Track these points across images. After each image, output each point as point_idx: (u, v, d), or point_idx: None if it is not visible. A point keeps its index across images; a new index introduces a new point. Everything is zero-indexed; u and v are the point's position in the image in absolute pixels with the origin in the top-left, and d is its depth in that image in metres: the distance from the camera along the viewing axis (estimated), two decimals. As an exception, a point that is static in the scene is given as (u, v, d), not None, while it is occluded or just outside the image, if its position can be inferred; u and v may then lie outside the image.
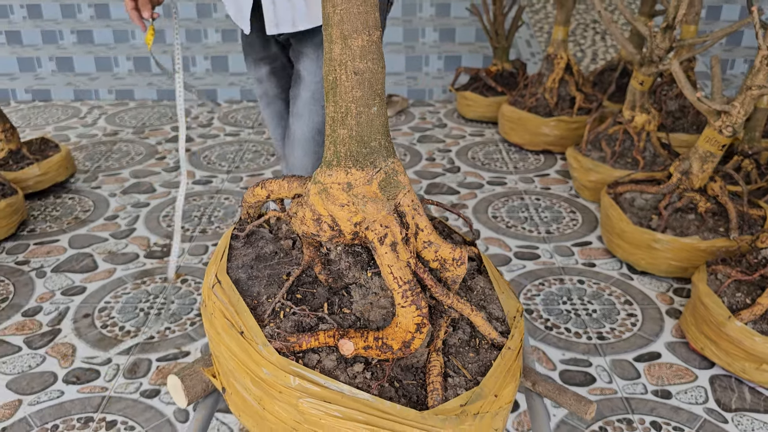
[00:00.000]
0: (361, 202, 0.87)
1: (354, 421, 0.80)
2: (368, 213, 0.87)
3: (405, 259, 0.88)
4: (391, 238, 0.87)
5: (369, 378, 0.85)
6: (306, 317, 0.90)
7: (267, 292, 0.93)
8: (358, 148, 0.87)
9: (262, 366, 0.83)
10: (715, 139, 2.04)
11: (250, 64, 1.60)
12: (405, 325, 0.84)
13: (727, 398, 1.62)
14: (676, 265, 2.05)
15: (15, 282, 2.08)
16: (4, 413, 1.56)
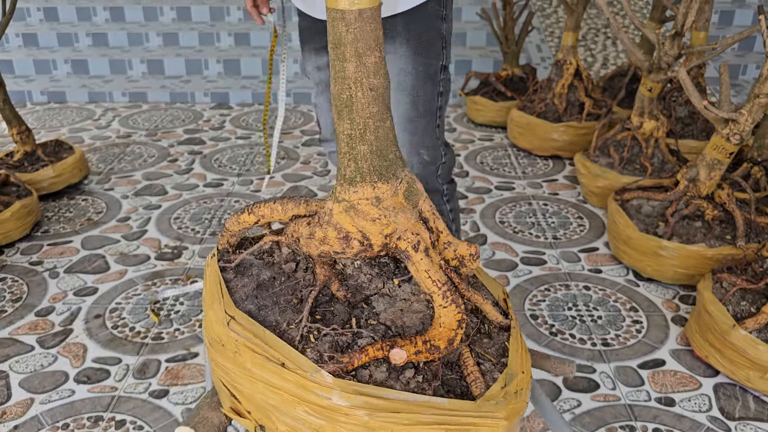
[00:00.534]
0: (392, 214, 0.90)
1: (424, 425, 0.81)
2: (399, 224, 0.90)
3: (437, 262, 0.92)
4: (423, 245, 0.91)
5: (421, 381, 0.87)
6: (341, 335, 0.91)
7: (284, 318, 0.93)
8: (380, 161, 0.90)
9: (322, 392, 0.82)
10: (722, 147, 2.04)
11: (310, 52, 1.57)
12: (448, 324, 0.88)
13: (731, 407, 1.62)
14: (683, 273, 2.06)
15: (29, 282, 2.12)
16: (17, 411, 1.60)
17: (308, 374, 0.83)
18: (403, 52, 1.43)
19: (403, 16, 1.41)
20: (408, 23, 1.41)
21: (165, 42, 4.55)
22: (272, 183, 2.82)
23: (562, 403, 1.62)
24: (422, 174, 1.55)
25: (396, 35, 1.42)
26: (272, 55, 1.64)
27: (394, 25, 1.41)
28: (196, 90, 3.98)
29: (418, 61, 1.44)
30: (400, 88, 1.45)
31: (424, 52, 1.44)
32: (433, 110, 1.51)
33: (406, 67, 1.44)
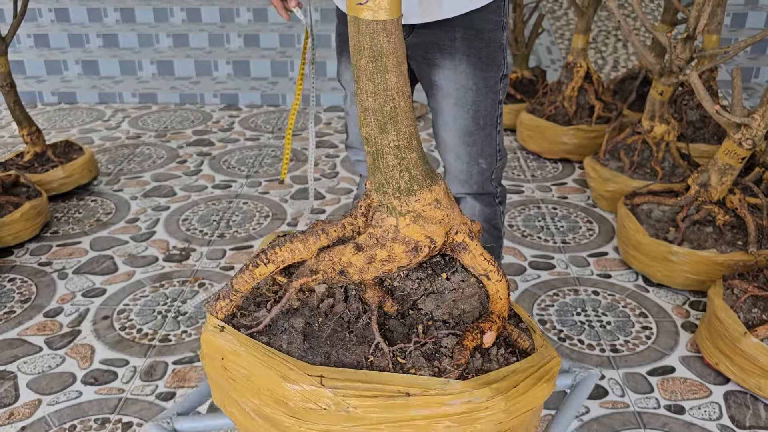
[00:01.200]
0: (451, 212, 0.95)
1: (544, 381, 0.94)
2: (455, 218, 0.96)
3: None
4: (471, 232, 0.98)
5: (505, 352, 0.96)
6: (423, 345, 0.92)
7: (360, 352, 0.90)
8: (426, 166, 0.93)
9: (458, 399, 0.85)
10: (734, 152, 2.02)
11: (348, 62, 1.54)
12: (504, 294, 0.98)
13: (741, 415, 1.60)
14: (693, 278, 2.04)
15: (37, 283, 2.13)
16: (24, 412, 1.60)
17: (437, 390, 0.84)
18: (463, 69, 1.40)
19: (461, 30, 1.38)
20: (466, 37, 1.38)
21: (175, 43, 4.56)
22: (280, 186, 2.82)
23: (570, 409, 1.60)
24: (479, 181, 1.54)
25: (455, 51, 1.39)
26: (305, 54, 1.59)
27: (452, 41, 1.38)
28: (205, 91, 3.99)
29: (478, 76, 1.41)
30: (458, 104, 1.44)
31: (485, 67, 1.41)
32: (494, 121, 1.50)
33: (466, 83, 1.41)
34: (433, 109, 1.51)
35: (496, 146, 1.54)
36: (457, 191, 1.59)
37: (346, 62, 1.57)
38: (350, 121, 1.67)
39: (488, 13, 1.40)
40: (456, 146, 1.51)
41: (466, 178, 1.55)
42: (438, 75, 1.44)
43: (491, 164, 1.55)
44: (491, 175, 1.57)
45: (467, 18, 1.38)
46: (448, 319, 0.97)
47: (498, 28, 1.43)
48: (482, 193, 1.59)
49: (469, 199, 1.59)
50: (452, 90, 1.44)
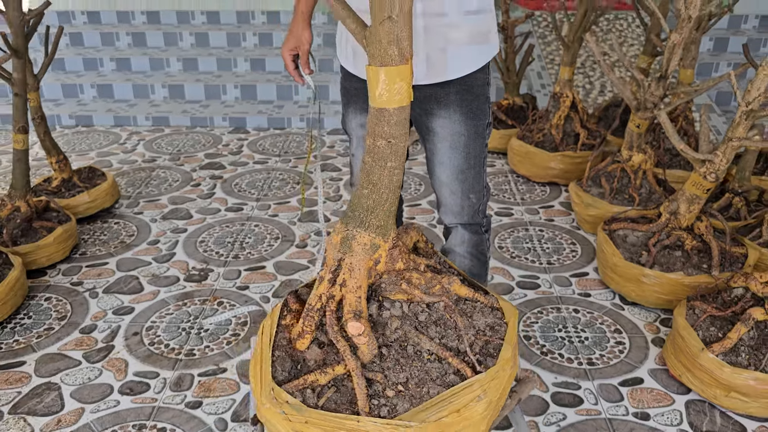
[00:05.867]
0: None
1: None
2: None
3: None
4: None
5: None
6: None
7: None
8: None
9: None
10: (700, 184, 2.26)
11: (355, 111, 1.76)
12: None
13: (699, 421, 1.83)
14: (663, 298, 2.27)
15: (72, 301, 2.35)
16: (70, 420, 1.82)
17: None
18: (456, 118, 1.63)
19: (455, 86, 1.61)
20: (460, 94, 1.61)
21: (185, 67, 4.79)
22: (290, 208, 3.04)
23: (549, 416, 1.83)
24: (469, 213, 1.77)
25: (450, 103, 1.62)
26: (310, 155, 1.85)
27: (447, 95, 1.61)
28: (215, 114, 4.22)
29: (469, 124, 1.64)
30: (453, 147, 1.66)
31: (474, 116, 1.64)
32: (482, 161, 1.73)
33: (459, 129, 1.64)
34: (430, 150, 1.74)
35: (483, 183, 1.77)
36: (450, 221, 1.82)
37: (351, 113, 1.79)
38: (355, 162, 1.89)
39: (477, 73, 1.64)
40: (450, 183, 1.74)
41: (458, 210, 1.78)
42: (435, 122, 1.67)
43: (479, 198, 1.78)
44: (479, 207, 1.80)
45: (462, 80, 1.62)
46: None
47: (484, 84, 1.67)
48: (471, 224, 1.81)
49: (460, 228, 1.82)
50: (447, 135, 1.67)
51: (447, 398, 1.09)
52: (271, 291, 2.41)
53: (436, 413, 1.07)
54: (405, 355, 1.12)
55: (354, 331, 1.07)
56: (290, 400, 1.04)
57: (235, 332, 2.18)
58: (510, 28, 3.64)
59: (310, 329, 1.10)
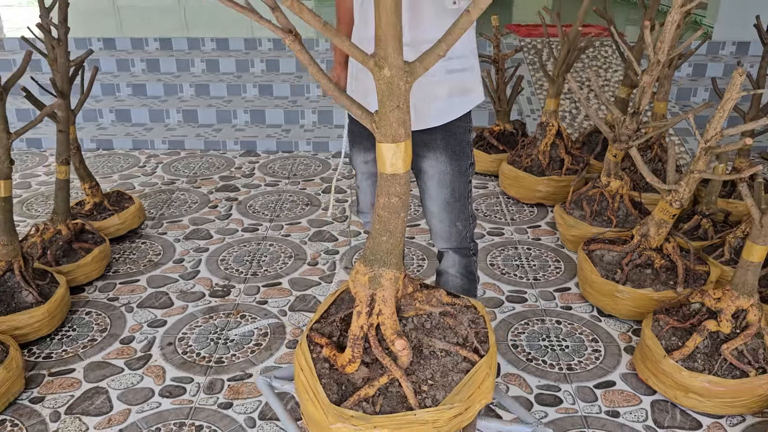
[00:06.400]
0: (380, 287, 1.44)
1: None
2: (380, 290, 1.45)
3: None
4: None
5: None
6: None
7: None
8: (393, 258, 1.43)
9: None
10: (666, 210, 2.56)
11: (359, 150, 2.05)
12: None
13: (662, 418, 2.12)
14: (635, 311, 2.57)
15: (110, 315, 2.64)
16: (119, 419, 2.10)
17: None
18: (442, 159, 1.93)
19: (441, 133, 1.91)
20: (445, 139, 1.92)
21: (197, 92, 5.10)
22: (301, 228, 3.34)
23: (533, 411, 2.12)
24: (457, 239, 2.06)
25: (436, 147, 1.92)
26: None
27: (434, 140, 1.91)
28: (227, 138, 4.52)
29: (453, 164, 1.94)
30: (440, 183, 1.96)
31: (457, 158, 1.94)
32: (466, 195, 2.02)
33: (445, 169, 1.94)
34: (421, 187, 2.03)
35: (469, 213, 2.06)
36: (441, 246, 2.11)
37: (356, 152, 2.08)
38: (361, 194, 2.19)
39: (459, 122, 1.94)
40: (439, 213, 2.04)
41: (447, 236, 2.07)
42: (424, 163, 1.97)
43: (466, 226, 2.07)
44: (466, 234, 2.09)
45: (445, 125, 1.92)
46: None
47: (466, 131, 1.97)
48: (460, 248, 2.11)
49: (450, 252, 2.12)
50: (435, 174, 1.97)
51: (468, 380, 1.39)
52: (288, 305, 2.70)
53: (466, 392, 1.38)
54: (423, 357, 1.42)
55: (400, 347, 1.37)
56: (354, 414, 1.32)
57: (257, 342, 2.47)
58: (501, 61, 3.96)
59: (359, 354, 1.38)
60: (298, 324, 2.58)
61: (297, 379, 1.45)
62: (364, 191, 2.15)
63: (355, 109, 1.20)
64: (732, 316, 2.12)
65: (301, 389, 1.41)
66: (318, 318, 1.56)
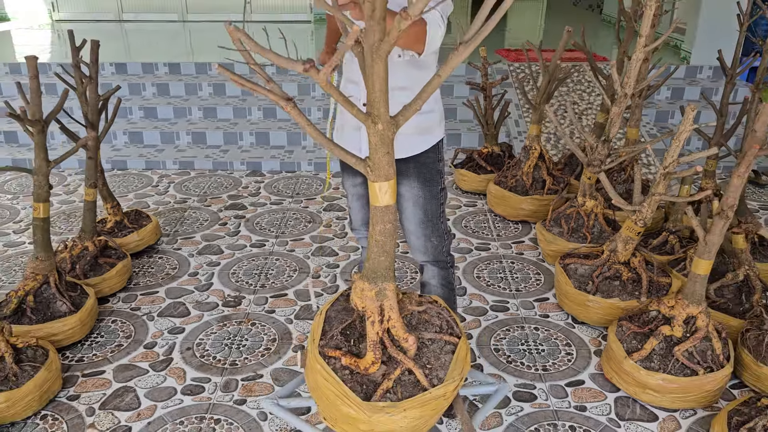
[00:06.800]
0: (375, 299, 1.73)
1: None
2: (381, 301, 1.74)
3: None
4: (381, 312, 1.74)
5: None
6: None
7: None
8: (386, 272, 1.72)
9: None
10: (632, 228, 2.87)
11: (348, 175, 2.37)
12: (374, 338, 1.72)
13: (623, 411, 2.42)
14: (605, 318, 2.87)
15: (134, 323, 2.94)
16: (147, 413, 2.39)
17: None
18: (415, 185, 2.24)
19: (413, 163, 2.22)
20: (416, 167, 2.22)
21: (205, 115, 5.42)
22: (304, 244, 3.64)
23: (510, 408, 2.42)
24: (433, 252, 2.36)
25: (410, 174, 2.23)
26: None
27: (407, 168, 2.22)
28: (233, 159, 4.84)
29: (425, 189, 2.25)
30: (416, 206, 2.27)
31: (428, 184, 2.25)
32: (437, 215, 2.32)
33: (418, 193, 2.25)
34: (399, 209, 2.34)
35: (442, 230, 2.36)
36: (420, 259, 2.41)
37: (347, 177, 2.39)
38: (352, 213, 2.50)
39: (429, 153, 2.25)
40: (415, 230, 2.34)
41: (424, 250, 2.37)
42: (401, 188, 2.28)
43: (441, 241, 2.37)
44: (442, 248, 2.39)
45: (417, 156, 2.23)
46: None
47: (436, 161, 2.28)
48: (438, 261, 2.40)
49: (429, 265, 2.42)
50: (410, 197, 2.28)
51: (456, 358, 1.70)
52: (293, 314, 3.00)
53: (458, 367, 1.70)
54: (418, 347, 1.72)
55: (412, 342, 1.67)
56: (385, 405, 1.62)
57: (267, 347, 2.77)
58: (488, 88, 4.28)
59: (379, 355, 1.68)
60: (303, 331, 2.88)
61: (321, 391, 1.71)
62: (355, 210, 2.46)
63: (349, 158, 1.51)
64: (683, 321, 2.42)
65: (330, 396, 1.67)
66: (319, 337, 1.83)
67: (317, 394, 1.74)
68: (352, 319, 1.79)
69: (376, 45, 1.31)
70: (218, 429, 2.31)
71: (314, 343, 1.76)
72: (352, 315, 1.80)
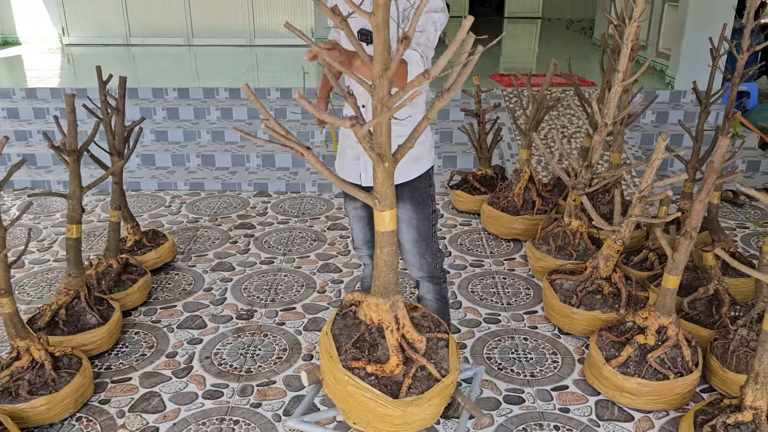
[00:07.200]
0: (385, 311, 2.00)
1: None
2: (389, 313, 2.01)
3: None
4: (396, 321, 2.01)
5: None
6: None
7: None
8: (390, 287, 1.99)
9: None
10: (612, 247, 3.15)
11: (350, 199, 2.61)
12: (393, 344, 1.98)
13: (602, 413, 2.68)
14: (588, 329, 3.13)
15: (155, 335, 3.19)
16: (172, 415, 2.64)
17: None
18: (409, 207, 2.51)
19: (408, 188, 2.48)
20: (410, 192, 2.49)
21: (213, 138, 5.71)
22: (310, 261, 3.91)
23: (500, 410, 2.67)
24: (428, 269, 2.62)
25: (405, 198, 2.49)
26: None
27: (402, 193, 2.49)
28: (241, 180, 5.11)
29: (418, 211, 2.52)
30: (410, 227, 2.53)
31: (421, 207, 2.52)
32: (430, 234, 2.59)
33: (412, 215, 2.51)
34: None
35: (435, 249, 2.62)
36: (415, 275, 2.67)
37: (348, 201, 2.64)
38: (354, 233, 2.76)
39: (421, 178, 2.51)
40: (410, 248, 2.60)
41: (419, 266, 2.63)
42: (397, 211, 2.55)
43: (434, 259, 2.63)
44: (435, 265, 2.65)
45: (410, 182, 2.48)
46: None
47: (427, 186, 2.54)
48: (432, 276, 2.66)
49: (424, 281, 2.68)
50: (405, 218, 2.54)
51: (451, 351, 1.98)
52: (302, 326, 3.26)
53: (455, 358, 2.00)
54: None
55: (423, 342, 1.94)
56: (413, 399, 1.88)
57: (278, 356, 3.02)
58: (482, 115, 4.58)
59: (401, 358, 1.94)
60: (311, 341, 3.14)
61: (352, 399, 1.95)
62: (357, 231, 2.73)
63: (358, 192, 1.79)
64: (656, 331, 2.69)
65: (363, 401, 1.91)
66: (338, 354, 2.07)
67: (347, 403, 1.97)
68: (360, 333, 2.04)
69: (386, 98, 1.59)
70: (237, 429, 2.56)
71: (333, 359, 2.00)
72: (359, 329, 2.06)
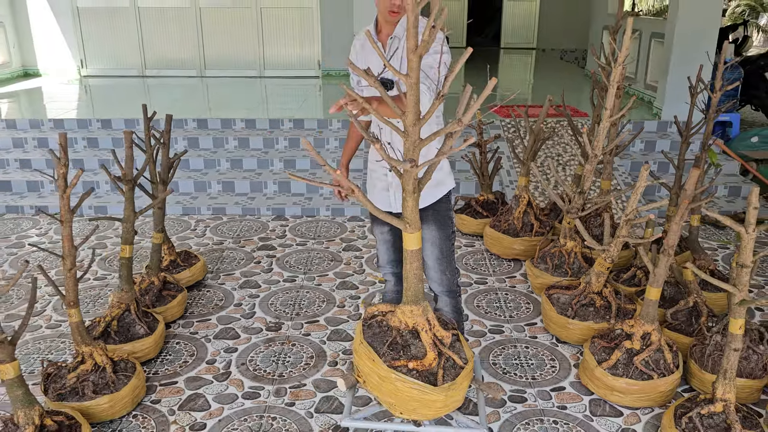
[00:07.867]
0: (418, 316, 2.39)
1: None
2: (421, 317, 2.40)
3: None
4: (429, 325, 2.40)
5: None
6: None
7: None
8: (417, 296, 2.38)
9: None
10: (602, 264, 3.54)
11: (378, 224, 2.97)
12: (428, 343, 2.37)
13: (595, 410, 3.04)
14: (582, 338, 3.51)
15: (194, 345, 3.55)
16: (217, 413, 3.00)
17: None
18: (433, 227, 2.88)
19: (431, 211, 2.85)
20: (433, 214, 2.86)
21: (232, 166, 6.11)
22: (329, 279, 4.28)
23: (506, 408, 3.03)
24: (447, 284, 2.99)
25: (428, 220, 2.86)
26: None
27: (426, 216, 2.86)
28: (260, 205, 5.50)
29: (440, 231, 2.90)
30: (433, 245, 2.90)
31: (443, 228, 2.90)
32: (450, 252, 2.95)
33: (435, 234, 2.89)
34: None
35: (454, 266, 3.00)
36: (436, 290, 3.04)
37: (376, 226, 3.01)
38: (380, 254, 3.14)
39: (442, 203, 2.89)
40: (433, 265, 2.98)
41: (440, 282, 3.01)
42: (422, 231, 2.94)
43: (453, 276, 3.02)
44: (453, 280, 3.03)
45: (432, 205, 2.87)
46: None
47: (448, 208, 2.93)
48: (450, 291, 3.04)
49: (443, 295, 3.05)
50: (429, 237, 2.92)
51: (463, 343, 2.35)
52: (326, 336, 3.63)
53: (468, 349, 2.37)
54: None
55: (450, 338, 2.30)
56: (450, 385, 2.24)
57: (306, 362, 3.38)
58: (483, 145, 5.00)
59: (437, 353, 2.31)
60: (335, 350, 3.50)
61: (400, 393, 2.25)
62: (382, 252, 3.11)
63: (391, 219, 2.18)
64: (641, 337, 3.07)
65: (410, 393, 2.22)
66: (379, 357, 2.42)
67: (395, 396, 2.31)
68: (392, 338, 2.40)
69: (417, 142, 1.99)
70: (275, 424, 2.92)
71: (376, 362, 2.34)
72: (390, 334, 2.42)
